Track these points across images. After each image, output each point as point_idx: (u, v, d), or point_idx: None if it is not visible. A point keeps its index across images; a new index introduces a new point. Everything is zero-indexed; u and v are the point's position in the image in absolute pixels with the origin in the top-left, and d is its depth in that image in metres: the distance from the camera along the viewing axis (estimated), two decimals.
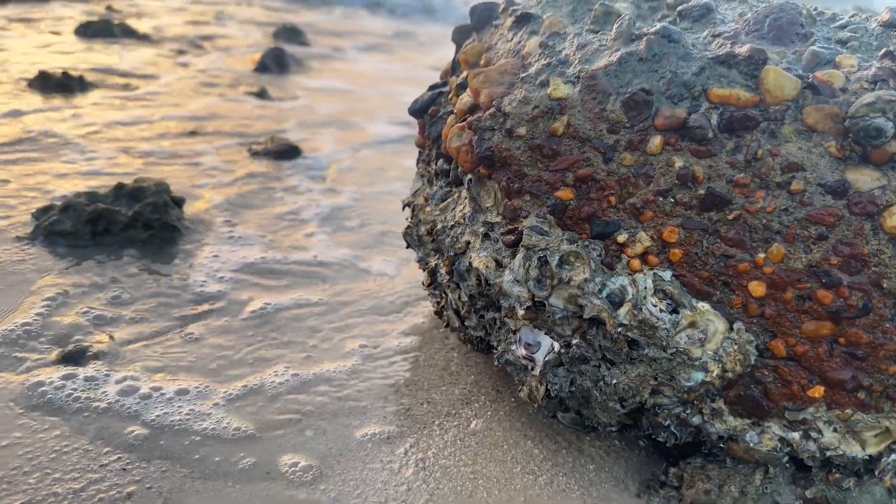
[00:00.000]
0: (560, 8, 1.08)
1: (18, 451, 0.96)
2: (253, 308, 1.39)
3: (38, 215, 1.62)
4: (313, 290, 1.49)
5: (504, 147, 0.93)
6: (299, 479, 0.96)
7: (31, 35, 3.95)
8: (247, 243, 1.68)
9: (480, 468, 1.00)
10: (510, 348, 0.98)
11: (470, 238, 1.01)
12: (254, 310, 1.38)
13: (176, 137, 2.44)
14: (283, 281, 1.52)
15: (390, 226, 1.88)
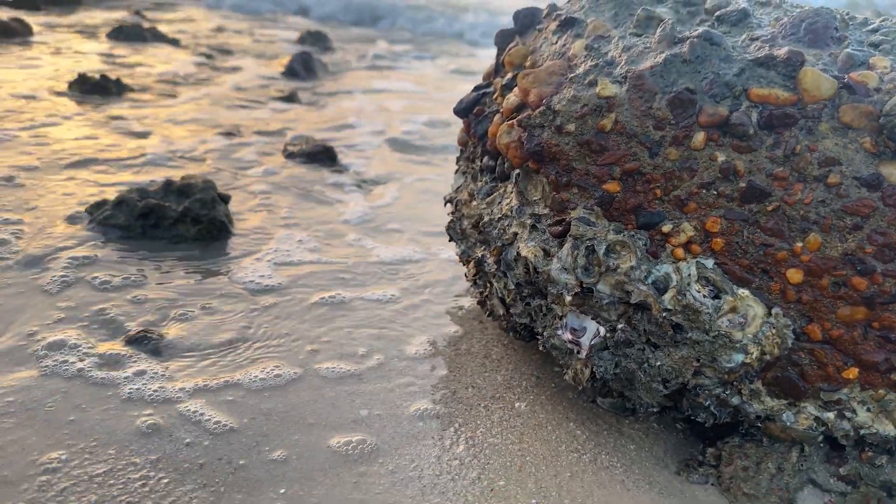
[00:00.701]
0: (602, 13, 1.14)
1: (95, 426, 1.03)
2: (294, 301, 1.46)
3: (92, 210, 1.70)
4: (354, 284, 1.55)
5: (553, 143, 0.99)
6: (358, 452, 1.02)
7: (66, 39, 4.06)
8: (290, 239, 1.75)
9: (527, 446, 1.06)
10: (556, 333, 1.04)
11: (517, 229, 1.07)
12: (295, 302, 1.45)
13: (211, 138, 2.52)
14: (326, 276, 1.58)
15: (424, 222, 1.94)
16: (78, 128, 2.47)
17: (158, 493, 0.92)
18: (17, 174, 1.95)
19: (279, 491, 0.94)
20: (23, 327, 1.26)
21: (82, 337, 1.24)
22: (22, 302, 1.33)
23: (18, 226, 1.64)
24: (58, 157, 2.13)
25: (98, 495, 0.90)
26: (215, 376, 1.17)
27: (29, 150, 2.17)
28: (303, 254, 1.68)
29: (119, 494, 0.91)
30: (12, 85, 2.93)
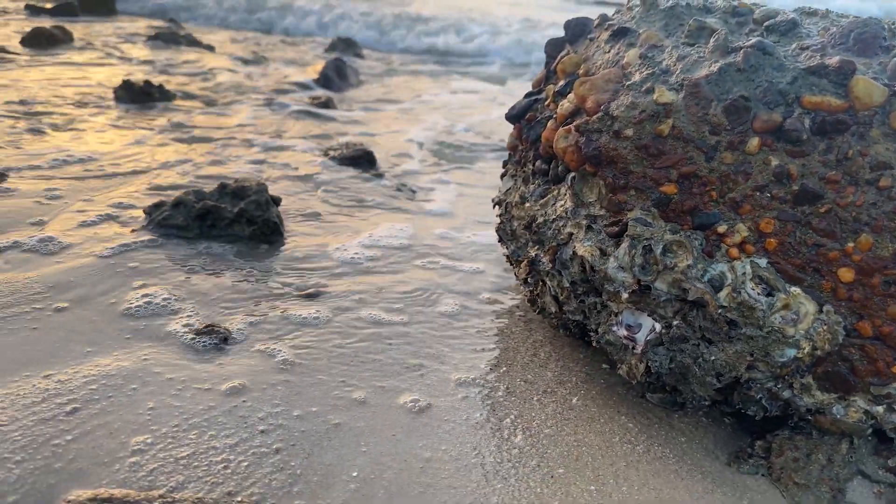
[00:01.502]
0: (653, 23, 1.19)
1: (174, 412, 1.09)
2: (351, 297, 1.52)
3: (151, 211, 1.78)
4: (406, 284, 1.61)
5: (611, 147, 1.04)
6: (423, 443, 1.07)
7: (107, 46, 4.18)
8: (339, 238, 1.81)
9: (582, 437, 1.11)
10: (611, 330, 1.09)
11: (573, 230, 1.12)
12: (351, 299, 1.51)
13: (254, 143, 2.60)
14: (377, 274, 1.64)
15: (467, 226, 1.99)
16: (125, 133, 2.56)
17: (240, 475, 0.98)
18: (69, 178, 2.04)
19: (352, 474, 1.00)
20: (96, 322, 1.33)
21: (153, 330, 1.31)
22: (88, 297, 1.41)
23: (82, 228, 1.72)
24: (108, 162, 2.22)
25: (185, 476, 0.96)
26: (280, 368, 1.23)
27: (79, 154, 2.25)
28: (350, 255, 1.74)
29: (203, 475, 0.97)
30: (60, 91, 3.03)
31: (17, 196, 1.85)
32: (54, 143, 2.34)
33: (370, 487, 0.98)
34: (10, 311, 1.33)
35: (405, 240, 1.86)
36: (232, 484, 0.96)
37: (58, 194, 1.90)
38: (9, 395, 1.09)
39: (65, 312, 1.34)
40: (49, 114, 2.68)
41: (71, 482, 0.94)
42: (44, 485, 0.93)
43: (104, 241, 1.65)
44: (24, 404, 1.08)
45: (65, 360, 1.20)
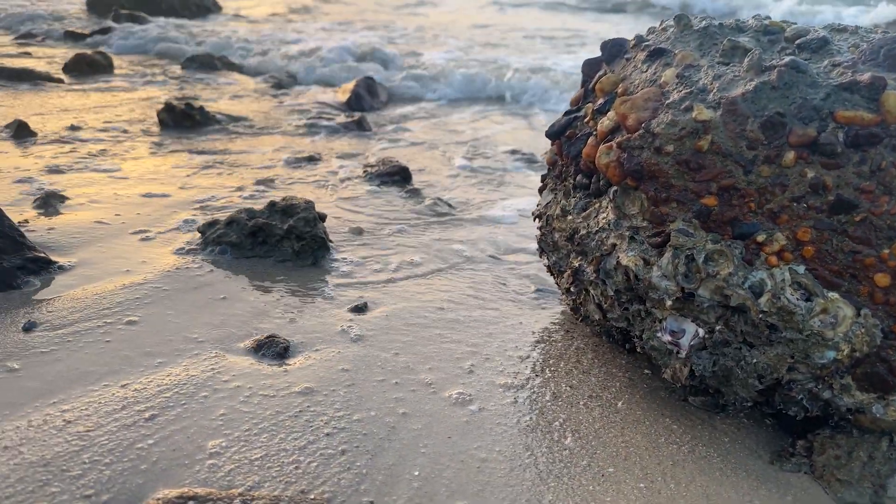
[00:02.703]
0: (688, 43, 1.25)
1: (244, 417, 1.17)
2: (397, 307, 1.59)
3: (204, 229, 1.87)
4: (448, 292, 1.68)
5: (653, 162, 1.10)
6: (478, 444, 1.14)
7: (144, 69, 4.33)
8: (382, 250, 1.89)
9: (629, 438, 1.16)
10: (655, 335, 1.15)
11: (616, 241, 1.19)
12: (397, 308, 1.58)
13: (292, 162, 2.70)
14: (420, 284, 1.71)
15: (501, 242, 2.06)
16: (171, 155, 2.68)
17: (311, 475, 1.05)
18: (124, 201, 2.14)
19: (413, 473, 1.06)
20: (159, 335, 1.41)
21: (216, 342, 1.40)
22: (155, 311, 1.50)
23: (141, 247, 1.82)
24: (158, 183, 2.32)
25: (260, 476, 1.04)
26: (338, 375, 1.30)
27: (131, 177, 2.37)
28: (394, 266, 1.81)
29: (277, 475, 1.04)
30: (106, 116, 3.17)
31: (78, 218, 1.96)
32: (106, 166, 2.45)
33: (432, 486, 1.04)
34: (83, 325, 1.42)
35: (446, 251, 1.93)
36: (304, 483, 1.03)
37: (115, 215, 2.00)
38: (91, 404, 1.18)
39: (134, 326, 1.43)
40: (99, 140, 2.80)
41: (157, 482, 1.01)
42: (133, 484, 1.01)
43: (164, 259, 1.74)
44: (106, 411, 1.16)
45: (138, 370, 1.29)
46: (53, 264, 1.65)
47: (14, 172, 2.31)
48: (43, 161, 2.45)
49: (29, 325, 1.39)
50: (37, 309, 1.47)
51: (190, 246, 1.83)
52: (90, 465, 1.03)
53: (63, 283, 1.60)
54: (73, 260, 1.71)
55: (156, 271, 1.68)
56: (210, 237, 1.83)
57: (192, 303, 1.55)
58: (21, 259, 1.60)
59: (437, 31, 6.92)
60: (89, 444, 1.08)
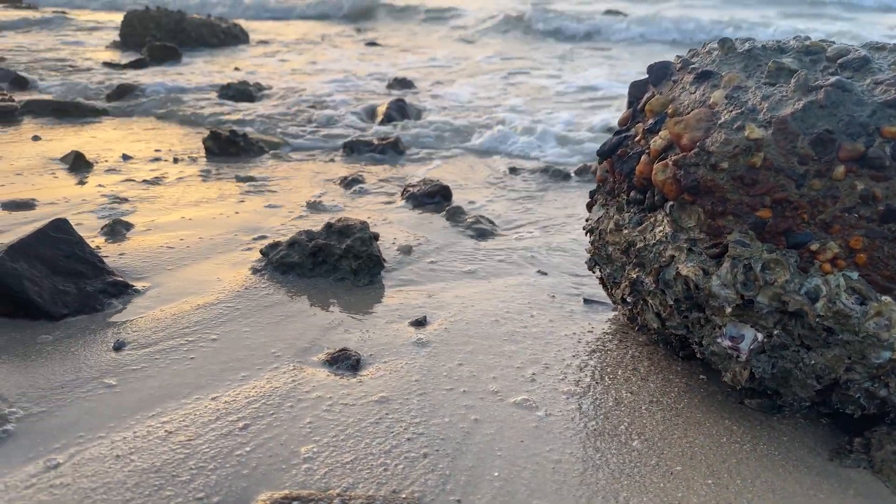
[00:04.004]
0: (733, 65, 1.33)
1: (330, 423, 1.25)
2: (456, 320, 1.67)
3: (267, 251, 1.97)
4: (505, 303, 1.76)
5: (709, 178, 1.18)
6: (549, 448, 1.21)
7: (182, 96, 4.48)
8: (434, 265, 1.98)
9: (692, 439, 1.23)
10: (716, 341, 1.22)
11: (674, 252, 1.26)
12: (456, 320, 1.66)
13: (335, 184, 2.80)
14: (474, 297, 1.80)
15: (542, 259, 2.14)
16: (220, 182, 2.79)
17: (399, 476, 1.13)
18: (186, 227, 2.26)
19: (493, 474, 1.14)
20: (239, 351, 1.51)
21: (293, 356, 1.49)
22: (232, 329, 1.59)
23: (209, 269, 1.92)
24: (212, 208, 2.44)
25: (353, 478, 1.12)
26: (410, 385, 1.39)
27: (186, 204, 2.48)
28: (446, 281, 1.90)
29: (368, 477, 1.12)
30: (155, 144, 3.30)
31: (145, 243, 2.07)
32: (162, 193, 2.57)
33: (512, 485, 1.12)
34: (167, 343, 1.52)
35: (492, 266, 2.01)
36: (394, 484, 1.11)
37: (179, 240, 2.11)
38: (188, 415, 1.27)
39: (215, 343, 1.53)
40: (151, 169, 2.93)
41: (259, 485, 1.10)
42: (238, 488, 1.09)
43: (231, 280, 1.84)
44: (203, 422, 1.25)
45: (225, 383, 1.38)
46: (130, 287, 1.76)
47: (79, 202, 2.44)
48: (103, 190, 2.58)
49: (119, 345, 1.49)
50: (122, 329, 1.57)
51: (254, 267, 1.93)
52: (197, 470, 1.12)
53: (141, 304, 1.70)
54: (147, 283, 1.81)
55: (226, 292, 1.78)
56: (273, 258, 1.93)
57: (264, 320, 1.64)
58: (102, 283, 1.70)
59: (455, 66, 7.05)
60: (192, 452, 1.17)
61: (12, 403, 1.28)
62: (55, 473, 1.11)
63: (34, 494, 1.06)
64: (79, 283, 1.66)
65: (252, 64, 6.11)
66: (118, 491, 1.07)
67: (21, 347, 1.47)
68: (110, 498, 1.06)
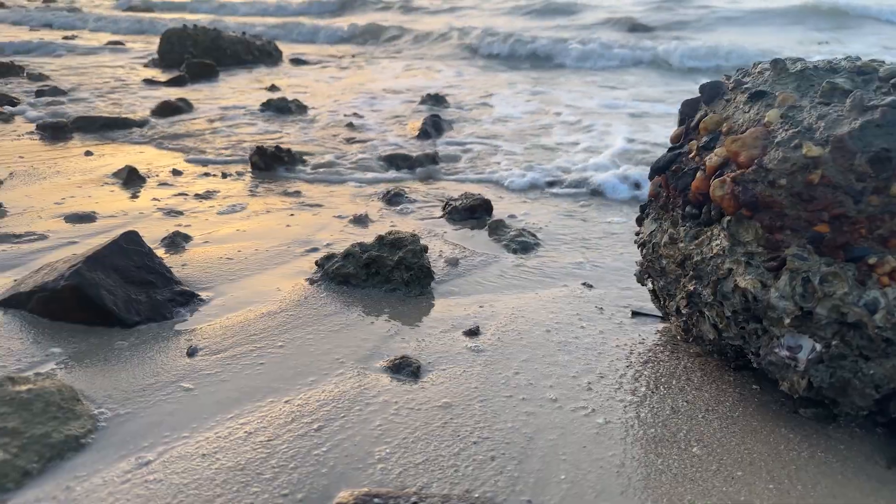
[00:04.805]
0: (786, 85, 1.38)
1: (399, 426, 1.31)
2: (508, 328, 1.72)
3: (323, 262, 2.05)
4: (554, 315, 1.81)
5: (767, 194, 1.23)
6: (612, 452, 1.26)
7: (224, 113, 4.61)
8: (482, 276, 2.04)
9: (750, 446, 1.27)
10: (773, 351, 1.26)
11: (731, 265, 1.31)
12: (509, 329, 1.72)
13: (381, 198, 2.88)
14: (525, 308, 1.85)
15: (584, 270, 2.19)
16: (270, 196, 2.89)
17: (470, 477, 1.18)
18: (240, 238, 2.34)
19: (560, 477, 1.19)
20: (305, 357, 1.57)
21: (356, 362, 1.55)
22: (297, 336, 1.66)
23: (269, 279, 2.00)
24: (264, 220, 2.52)
25: (427, 477, 1.18)
26: (470, 390, 1.44)
27: (240, 216, 2.57)
28: (494, 292, 1.95)
29: (441, 477, 1.18)
30: (202, 158, 3.41)
31: (205, 254, 2.16)
32: (215, 207, 2.67)
33: (579, 487, 1.17)
34: (237, 350, 1.59)
35: (537, 278, 2.07)
36: (466, 484, 1.17)
37: (237, 251, 2.19)
38: (264, 417, 1.34)
39: (282, 349, 1.60)
40: (202, 183, 3.04)
41: (339, 482, 1.16)
42: (319, 485, 1.15)
43: (290, 290, 1.92)
44: (279, 424, 1.32)
45: (295, 387, 1.45)
46: (196, 296, 1.84)
47: (136, 215, 2.54)
48: (158, 203, 2.68)
49: (192, 351, 1.57)
50: (192, 336, 1.65)
51: (311, 278, 2.00)
52: (279, 469, 1.19)
53: (207, 313, 1.78)
54: (210, 293, 1.89)
55: (286, 301, 1.85)
56: (329, 269, 2.00)
57: (325, 328, 1.71)
58: (171, 292, 1.79)
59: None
60: (273, 452, 1.23)
61: (100, 405, 1.36)
62: (147, 470, 1.18)
63: (131, 489, 1.13)
64: (149, 292, 1.74)
65: (288, 81, 6.25)
66: (208, 487, 1.14)
67: (101, 352, 1.56)
68: (201, 493, 1.12)
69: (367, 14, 12.31)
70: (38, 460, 1.17)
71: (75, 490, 1.12)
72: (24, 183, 2.95)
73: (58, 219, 2.46)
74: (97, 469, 1.18)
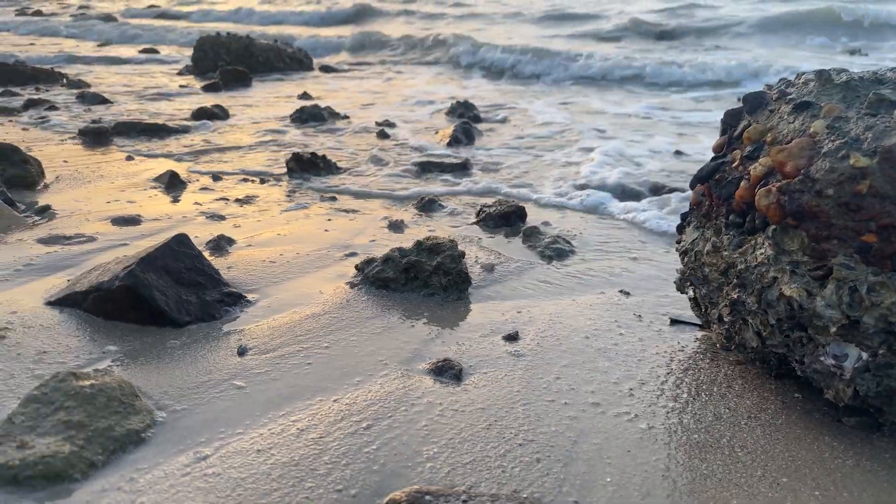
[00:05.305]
0: (832, 96, 1.40)
1: (445, 428, 1.34)
2: (547, 334, 1.75)
3: (363, 267, 2.09)
4: (592, 321, 1.83)
5: (813, 204, 1.25)
6: (655, 458, 1.28)
7: (259, 120, 4.70)
8: (519, 283, 2.06)
9: (794, 453, 1.28)
10: (818, 359, 1.27)
11: (776, 274, 1.32)
12: (548, 335, 1.74)
13: (415, 204, 2.92)
14: (564, 317, 1.87)
15: (623, 279, 2.20)
16: (307, 202, 2.94)
17: (517, 477, 1.21)
18: (281, 242, 2.39)
19: (606, 479, 1.21)
20: (350, 358, 1.61)
21: (399, 364, 1.59)
22: (341, 337, 1.70)
23: (311, 283, 2.05)
24: (303, 225, 2.57)
25: (475, 477, 1.21)
26: (513, 394, 1.47)
27: (274, 220, 2.63)
28: (530, 298, 1.98)
29: (489, 477, 1.21)
30: (241, 165, 3.49)
31: (249, 257, 2.21)
32: (256, 211, 2.73)
33: (625, 490, 1.19)
34: (285, 350, 1.64)
35: (572, 285, 2.09)
36: (514, 484, 1.19)
37: (279, 255, 2.25)
38: (315, 415, 1.38)
39: (327, 350, 1.64)
40: (241, 188, 3.10)
41: (390, 479, 1.20)
42: (371, 482, 1.19)
43: (333, 293, 1.96)
44: (329, 422, 1.36)
45: (343, 387, 1.48)
46: (243, 298, 1.89)
47: (180, 219, 2.61)
48: (200, 208, 2.75)
49: (242, 350, 1.62)
50: (241, 336, 1.70)
51: (351, 281, 2.05)
52: (332, 465, 1.23)
53: (254, 314, 1.83)
54: (256, 295, 1.94)
55: (329, 303, 1.89)
56: (369, 274, 2.04)
57: (368, 331, 1.75)
58: (219, 293, 1.84)
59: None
60: (325, 449, 1.27)
61: (157, 401, 1.41)
62: (206, 464, 1.22)
63: (191, 482, 1.17)
64: (199, 293, 1.80)
65: (319, 88, 6.34)
66: (264, 481, 1.18)
67: (154, 351, 1.61)
68: (258, 488, 1.16)
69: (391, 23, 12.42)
70: (103, 452, 1.22)
71: (139, 482, 1.17)
72: (70, 186, 3.04)
73: (104, 221, 2.54)
74: (158, 462, 1.22)
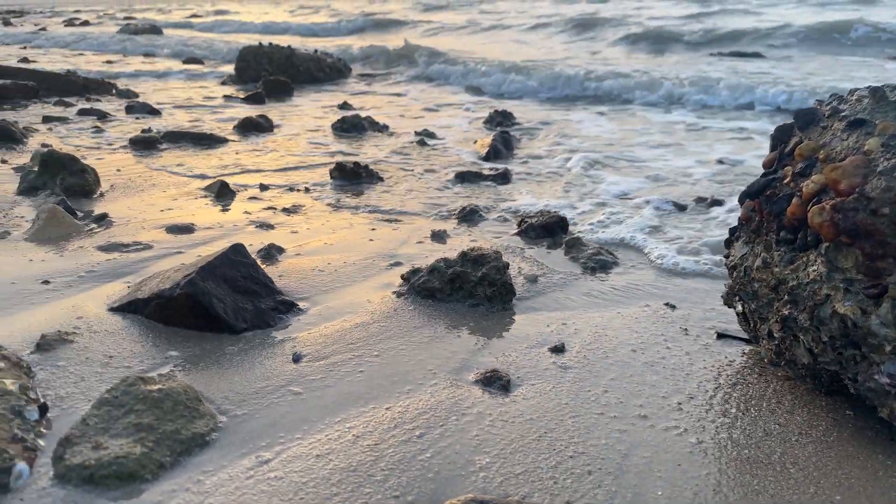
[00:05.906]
0: (886, 114, 1.39)
1: (496, 436, 1.37)
2: (593, 347, 1.76)
3: (409, 276, 2.13)
4: (638, 335, 1.84)
5: (868, 222, 1.25)
6: (704, 473, 1.29)
7: (301, 130, 4.79)
8: (564, 294, 2.08)
9: (847, 471, 1.28)
10: (873, 378, 1.27)
11: (829, 291, 1.33)
12: (594, 347, 1.76)
13: (457, 216, 2.96)
14: (610, 330, 1.89)
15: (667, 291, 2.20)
16: (352, 211, 3.00)
17: (569, 489, 1.23)
18: (330, 251, 2.45)
19: (657, 493, 1.23)
20: (400, 366, 1.65)
21: (447, 374, 1.62)
22: (390, 346, 1.74)
23: (359, 291, 2.10)
24: (348, 233, 2.63)
25: (528, 487, 1.23)
26: (560, 406, 1.49)
27: (321, 229, 2.69)
28: (576, 309, 1.99)
29: (541, 487, 1.23)
30: (288, 177, 3.57)
31: (299, 265, 2.28)
32: (303, 220, 2.80)
33: (678, 503, 1.20)
34: (338, 357, 1.69)
35: (618, 298, 2.10)
36: (566, 495, 1.22)
37: (327, 264, 2.30)
38: (369, 422, 1.42)
39: (378, 358, 1.68)
40: (288, 198, 3.18)
41: (445, 487, 1.23)
42: (427, 489, 1.22)
43: (380, 302, 2.01)
44: (383, 429, 1.40)
45: (394, 395, 1.52)
46: (295, 306, 1.95)
47: (231, 228, 2.69)
48: (250, 217, 2.83)
49: (297, 357, 1.67)
50: (296, 343, 1.75)
51: (398, 291, 2.09)
52: (388, 472, 1.26)
53: (306, 321, 1.88)
54: (307, 303, 2.00)
55: (377, 312, 1.94)
56: (416, 283, 2.09)
57: (416, 340, 1.79)
58: (273, 301, 1.90)
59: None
60: (380, 455, 1.31)
61: (219, 406, 1.46)
62: (268, 468, 1.27)
63: (255, 485, 1.22)
64: (254, 301, 1.86)
65: (358, 99, 6.44)
66: (325, 486, 1.22)
67: (214, 356, 1.67)
68: (320, 492, 1.21)
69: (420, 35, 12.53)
70: (171, 454, 1.28)
71: (205, 483, 1.23)
72: (124, 195, 3.15)
73: (159, 229, 2.63)
74: (222, 465, 1.28)
